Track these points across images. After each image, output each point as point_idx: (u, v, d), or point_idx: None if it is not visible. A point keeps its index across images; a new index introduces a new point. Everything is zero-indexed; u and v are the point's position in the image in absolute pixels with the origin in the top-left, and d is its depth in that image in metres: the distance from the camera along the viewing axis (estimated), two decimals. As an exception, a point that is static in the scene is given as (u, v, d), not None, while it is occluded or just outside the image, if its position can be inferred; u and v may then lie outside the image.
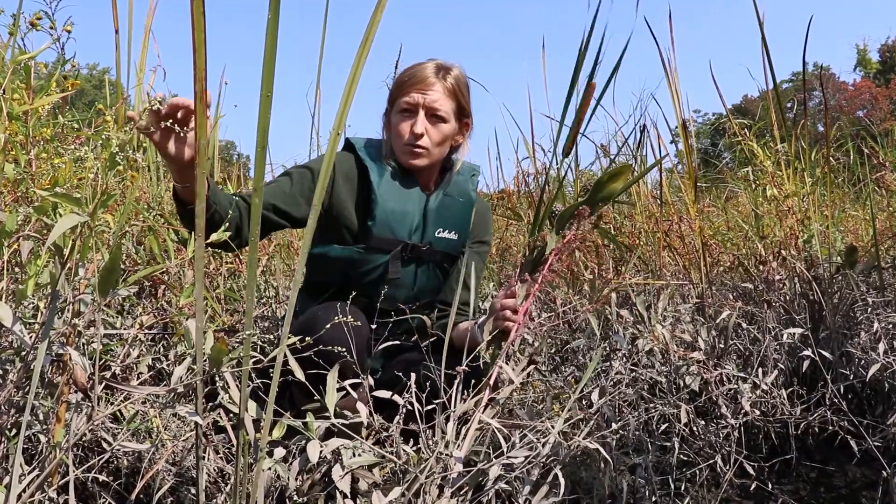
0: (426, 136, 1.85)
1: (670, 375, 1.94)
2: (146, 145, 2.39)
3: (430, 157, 1.89)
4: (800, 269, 2.25)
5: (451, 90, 1.88)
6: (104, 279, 1.08)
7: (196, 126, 0.94)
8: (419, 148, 1.85)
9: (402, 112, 1.86)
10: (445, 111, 1.86)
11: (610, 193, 1.65)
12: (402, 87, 1.87)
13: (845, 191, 3.75)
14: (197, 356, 1.05)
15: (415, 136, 1.84)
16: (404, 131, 1.85)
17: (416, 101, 1.84)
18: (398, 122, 1.87)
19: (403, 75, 1.89)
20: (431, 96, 1.84)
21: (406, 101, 1.85)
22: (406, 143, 1.85)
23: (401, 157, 1.88)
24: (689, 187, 2.65)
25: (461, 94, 1.91)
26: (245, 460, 1.11)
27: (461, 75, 1.92)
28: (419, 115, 1.84)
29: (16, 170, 1.39)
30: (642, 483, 1.72)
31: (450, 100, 1.88)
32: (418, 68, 1.88)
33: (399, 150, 1.88)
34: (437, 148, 1.88)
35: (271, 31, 0.88)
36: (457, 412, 1.35)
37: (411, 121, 1.85)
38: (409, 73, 1.88)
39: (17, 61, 1.46)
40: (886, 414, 1.97)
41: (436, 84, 1.86)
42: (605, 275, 2.78)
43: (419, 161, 1.87)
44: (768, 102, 2.65)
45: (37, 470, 1.16)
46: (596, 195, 1.65)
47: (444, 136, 1.89)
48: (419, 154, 1.86)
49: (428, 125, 1.85)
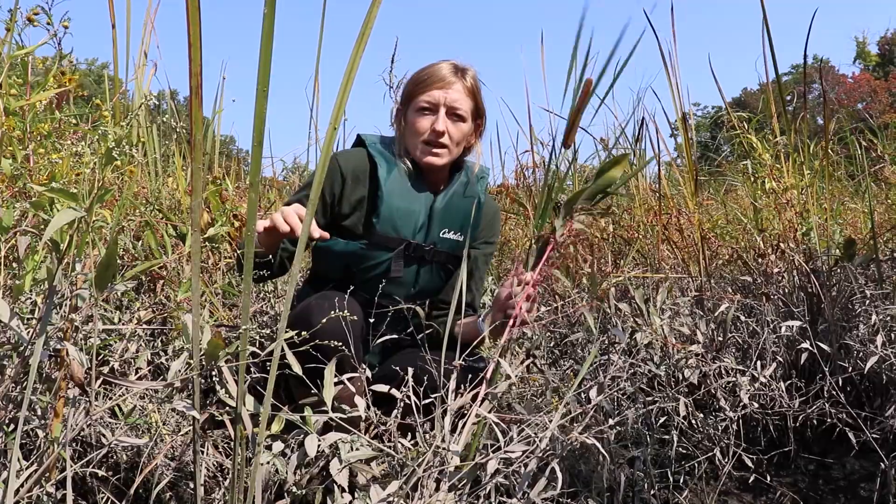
0: (446, 135, 1.85)
1: (669, 368, 1.94)
2: (144, 141, 2.39)
3: (449, 156, 1.89)
4: (798, 262, 2.25)
5: (470, 89, 1.89)
6: (101, 274, 1.08)
7: (192, 122, 0.94)
8: (439, 146, 1.85)
9: (420, 110, 1.86)
10: (465, 110, 1.87)
11: (609, 181, 1.65)
12: (421, 84, 1.86)
13: (844, 183, 3.75)
14: (194, 351, 1.05)
15: (436, 133, 1.84)
16: (424, 129, 1.85)
17: (436, 99, 1.84)
18: (417, 119, 1.86)
19: (422, 74, 1.89)
20: (452, 95, 1.85)
21: (426, 100, 1.85)
22: (426, 140, 1.85)
23: (418, 155, 1.87)
24: (689, 181, 2.65)
25: (478, 95, 1.92)
26: (243, 454, 1.11)
27: (476, 76, 1.93)
28: (440, 112, 1.84)
29: (13, 165, 1.39)
30: (641, 476, 1.72)
31: (469, 99, 1.88)
32: (436, 67, 1.88)
33: (417, 147, 1.87)
34: (455, 147, 1.89)
35: (267, 26, 0.88)
36: (453, 406, 1.35)
37: (432, 118, 1.85)
38: (428, 72, 1.88)
39: (15, 56, 1.46)
40: (884, 406, 1.97)
41: (456, 83, 1.86)
42: (603, 268, 2.78)
43: (438, 159, 1.86)
44: (768, 94, 2.64)
45: (35, 465, 1.16)
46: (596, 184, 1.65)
47: (463, 135, 1.89)
48: (439, 152, 1.86)
49: (448, 123, 1.85)
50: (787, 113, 2.61)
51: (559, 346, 2.39)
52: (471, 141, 1.96)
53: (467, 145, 1.95)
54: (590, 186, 1.65)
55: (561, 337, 2.42)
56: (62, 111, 1.60)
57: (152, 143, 2.53)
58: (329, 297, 1.65)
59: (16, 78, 1.51)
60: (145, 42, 2.35)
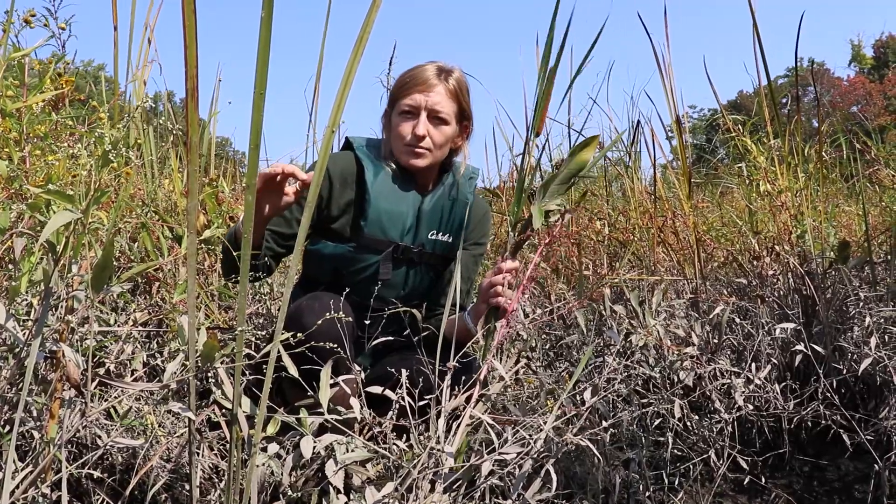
0: (428, 138, 1.85)
1: (664, 370, 1.94)
2: (140, 142, 2.39)
3: (431, 158, 1.89)
4: (793, 265, 2.26)
5: (453, 92, 1.89)
6: (97, 276, 1.08)
7: (188, 124, 0.94)
8: (420, 149, 1.86)
9: (403, 113, 1.86)
10: (447, 113, 1.87)
11: (581, 164, 1.65)
12: (404, 88, 1.87)
13: (838, 186, 3.76)
14: (190, 353, 1.05)
15: (416, 137, 1.84)
16: (405, 132, 1.85)
17: (417, 102, 1.84)
18: (399, 122, 1.87)
19: (404, 77, 1.89)
20: (433, 98, 1.85)
21: (407, 103, 1.85)
22: (407, 143, 1.86)
23: (401, 158, 1.88)
24: (684, 183, 2.66)
25: (462, 97, 1.91)
26: (239, 456, 1.11)
27: (462, 78, 1.93)
28: (421, 116, 1.84)
29: (9, 167, 1.39)
30: (636, 478, 1.73)
31: (451, 102, 1.88)
32: (419, 70, 1.88)
33: (399, 150, 1.88)
34: (438, 150, 1.89)
35: (265, 29, 0.88)
36: (447, 408, 1.35)
37: (413, 122, 1.85)
38: (411, 75, 1.88)
39: (12, 58, 1.46)
40: (878, 408, 1.98)
41: (438, 86, 1.86)
42: (599, 270, 2.79)
43: (420, 162, 1.87)
44: (762, 99, 2.65)
45: (30, 466, 1.16)
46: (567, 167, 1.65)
47: (446, 138, 1.89)
48: (420, 155, 1.86)
49: (430, 127, 1.86)
50: (782, 116, 2.62)
51: (554, 348, 2.40)
52: (457, 142, 1.96)
53: (454, 147, 1.96)
54: (562, 171, 1.65)
55: (556, 339, 2.42)
56: (59, 113, 1.60)
57: (149, 145, 2.53)
58: (320, 298, 1.65)
59: (12, 80, 1.52)
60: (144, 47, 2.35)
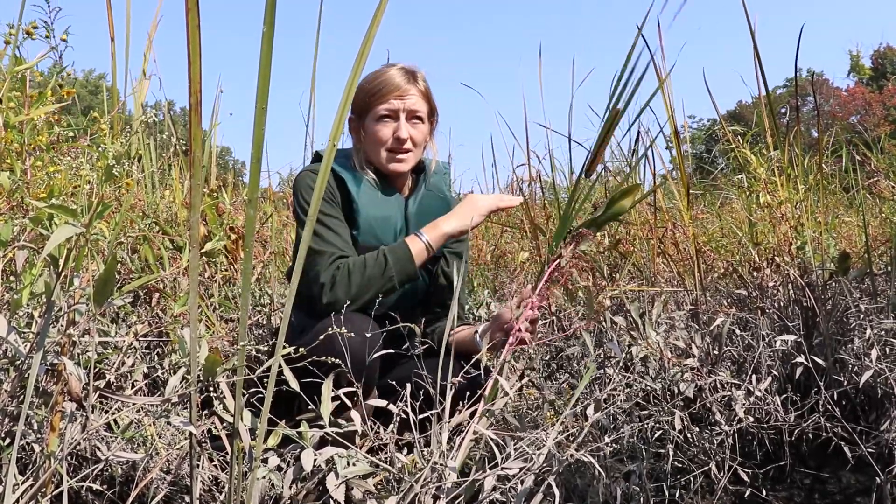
0: (410, 140, 1.89)
1: (664, 382, 1.94)
2: (142, 154, 2.40)
3: (414, 160, 1.94)
4: (793, 276, 2.26)
5: (424, 92, 1.94)
6: (99, 290, 1.08)
7: (191, 139, 0.94)
8: (404, 152, 1.90)
9: (381, 119, 1.89)
10: (423, 113, 1.92)
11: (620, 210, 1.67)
12: (377, 95, 1.89)
13: (839, 197, 3.77)
14: (191, 365, 1.05)
15: (400, 140, 1.88)
16: (386, 137, 1.89)
17: (396, 107, 1.88)
18: (378, 128, 1.89)
19: (374, 84, 1.91)
20: (410, 101, 1.89)
21: (386, 108, 1.88)
22: (390, 148, 1.89)
23: (383, 163, 1.91)
24: (683, 194, 2.66)
25: (430, 95, 1.97)
26: (239, 469, 1.11)
27: (425, 77, 1.98)
28: (401, 119, 1.88)
29: (11, 179, 1.39)
30: (637, 490, 1.72)
31: (424, 102, 1.93)
32: (387, 76, 1.91)
33: (380, 156, 1.91)
34: (418, 149, 1.94)
35: (266, 45, 0.89)
36: (451, 423, 1.35)
37: (393, 125, 1.89)
38: (381, 82, 1.90)
39: (15, 71, 1.46)
40: (880, 420, 1.97)
41: (412, 89, 1.90)
42: (599, 282, 2.79)
43: (404, 165, 1.91)
44: (761, 110, 2.66)
45: (31, 479, 1.16)
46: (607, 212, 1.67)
47: (423, 137, 1.95)
48: (404, 158, 1.90)
49: (409, 128, 1.89)
50: (781, 127, 2.62)
51: (555, 359, 2.39)
52: (427, 139, 2.01)
53: (425, 144, 2.00)
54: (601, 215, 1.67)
55: (557, 350, 2.42)
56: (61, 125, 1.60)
57: (149, 157, 2.54)
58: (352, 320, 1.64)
59: (15, 92, 1.52)
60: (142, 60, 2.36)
